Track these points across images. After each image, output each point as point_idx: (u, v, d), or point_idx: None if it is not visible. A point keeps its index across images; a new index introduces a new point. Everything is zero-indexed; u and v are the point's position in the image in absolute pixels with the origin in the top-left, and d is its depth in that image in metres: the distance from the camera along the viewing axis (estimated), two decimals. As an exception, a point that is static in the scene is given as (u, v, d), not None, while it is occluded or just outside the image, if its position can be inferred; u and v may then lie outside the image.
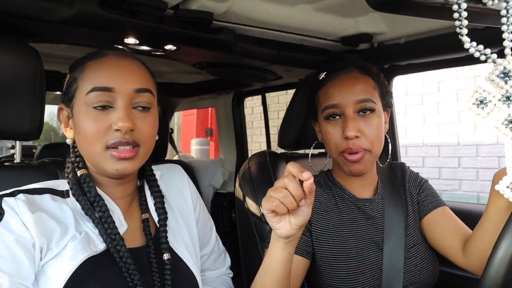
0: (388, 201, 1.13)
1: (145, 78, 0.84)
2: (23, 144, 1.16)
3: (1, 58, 0.89)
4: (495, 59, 0.54)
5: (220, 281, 1.07)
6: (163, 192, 0.92)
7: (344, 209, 1.12)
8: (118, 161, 0.79)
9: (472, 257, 0.99)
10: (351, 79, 1.08)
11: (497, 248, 0.69)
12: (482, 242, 0.95)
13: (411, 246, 1.08)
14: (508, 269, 0.67)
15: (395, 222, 1.09)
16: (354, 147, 1.03)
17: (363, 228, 1.09)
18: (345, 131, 1.03)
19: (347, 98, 1.05)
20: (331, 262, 1.05)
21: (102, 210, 0.79)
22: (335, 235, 1.08)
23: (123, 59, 0.83)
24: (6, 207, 0.73)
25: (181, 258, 0.88)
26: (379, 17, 1.19)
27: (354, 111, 1.05)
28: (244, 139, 2.45)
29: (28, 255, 0.71)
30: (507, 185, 0.56)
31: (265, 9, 1.09)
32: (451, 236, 1.06)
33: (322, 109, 1.08)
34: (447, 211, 1.11)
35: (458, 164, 4.06)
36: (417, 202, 1.15)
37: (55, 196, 0.81)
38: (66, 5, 0.93)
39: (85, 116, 0.79)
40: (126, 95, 0.80)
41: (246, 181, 1.35)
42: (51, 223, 0.75)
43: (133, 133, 0.79)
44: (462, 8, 0.53)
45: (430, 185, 1.19)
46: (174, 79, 2.13)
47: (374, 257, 1.06)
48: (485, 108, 0.55)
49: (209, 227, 1.06)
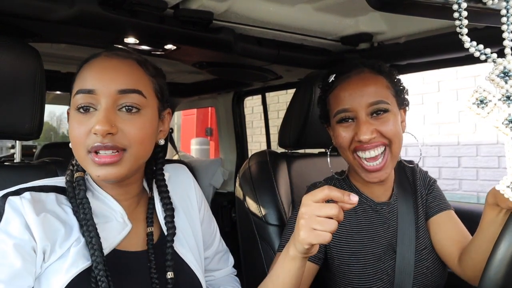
0: (401, 203, 1.10)
1: (134, 78, 0.79)
2: (23, 144, 1.16)
3: (1, 58, 0.89)
4: (495, 59, 0.54)
5: (230, 279, 1.07)
6: (169, 193, 0.90)
7: (362, 213, 1.09)
8: (99, 167, 0.75)
9: (467, 268, 0.99)
10: (361, 81, 1.02)
11: (496, 249, 0.69)
12: (476, 254, 0.95)
13: (422, 248, 1.07)
14: (507, 271, 0.67)
15: (408, 224, 1.08)
16: (370, 145, 0.99)
17: (380, 232, 1.07)
18: (358, 135, 0.98)
19: (358, 102, 1.00)
20: (348, 267, 1.03)
21: (85, 213, 0.76)
22: (352, 240, 1.06)
23: (110, 60, 0.80)
24: (9, 208, 0.72)
25: (186, 263, 0.87)
26: (379, 17, 1.19)
27: (366, 114, 1.00)
28: (244, 138, 2.45)
29: (26, 259, 0.70)
30: (508, 185, 0.56)
31: (265, 9, 1.09)
32: (451, 243, 1.05)
33: (334, 114, 1.04)
34: (452, 215, 1.10)
35: (458, 164, 4.06)
36: (426, 201, 1.13)
37: (60, 196, 0.80)
38: (66, 5, 0.93)
39: (72, 120, 0.78)
40: (108, 97, 0.76)
41: (246, 181, 1.35)
42: (56, 224, 0.75)
43: (114, 137, 0.75)
44: (462, 8, 0.53)
45: (438, 186, 1.17)
46: (174, 79, 2.13)
47: (389, 260, 1.05)
48: (485, 107, 0.55)
49: (213, 227, 1.04)
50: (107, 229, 0.79)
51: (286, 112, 1.44)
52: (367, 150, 0.99)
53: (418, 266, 1.05)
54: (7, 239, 0.70)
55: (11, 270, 0.68)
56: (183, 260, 0.87)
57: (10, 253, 0.69)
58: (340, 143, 1.04)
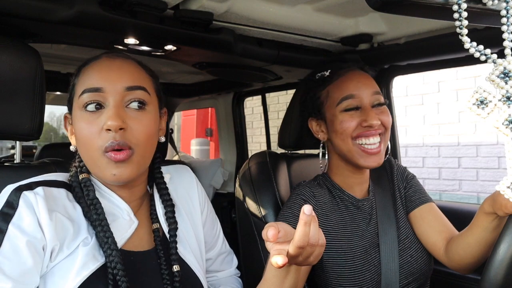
0: (379, 196, 1.16)
1: (138, 77, 0.82)
2: (23, 144, 1.16)
3: (1, 58, 0.89)
4: (495, 59, 0.54)
5: (233, 280, 1.08)
6: (172, 195, 0.91)
7: (345, 210, 1.13)
8: (115, 164, 0.76)
9: (453, 259, 1.03)
10: (362, 74, 1.13)
11: (496, 250, 0.69)
12: (464, 252, 0.99)
13: (404, 238, 1.11)
14: (507, 272, 0.67)
15: (388, 217, 1.12)
16: (374, 131, 1.06)
17: (363, 226, 1.11)
18: (368, 120, 1.05)
19: (364, 89, 1.09)
20: (338, 263, 1.05)
21: (97, 213, 0.77)
22: (339, 236, 1.09)
23: (114, 60, 0.82)
24: (23, 203, 0.72)
25: (189, 266, 0.87)
26: (379, 17, 1.19)
27: (370, 104, 1.08)
28: (244, 139, 2.45)
29: (36, 257, 0.70)
30: (508, 186, 0.56)
31: (265, 9, 1.09)
32: (435, 233, 1.09)
33: (338, 102, 1.10)
34: (433, 207, 1.14)
35: (458, 164, 4.06)
36: (405, 196, 1.18)
37: (69, 193, 0.81)
38: (66, 6, 0.93)
39: (80, 120, 0.79)
40: (117, 94, 0.78)
41: (246, 182, 1.35)
42: (66, 223, 0.75)
43: (124, 134, 0.76)
44: (462, 8, 0.53)
45: (417, 181, 1.22)
46: (174, 80, 2.13)
47: (374, 253, 1.08)
48: (486, 108, 0.55)
49: (216, 229, 1.04)
50: (115, 227, 0.79)
51: (286, 112, 1.44)
52: (370, 137, 1.07)
53: (402, 256, 1.08)
54: (20, 235, 0.70)
55: (23, 268, 0.68)
56: (184, 261, 0.87)
57: (23, 250, 0.69)
58: (345, 129, 1.08)
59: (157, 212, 0.89)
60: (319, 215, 1.10)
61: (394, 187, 1.19)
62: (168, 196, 0.89)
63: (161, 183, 0.91)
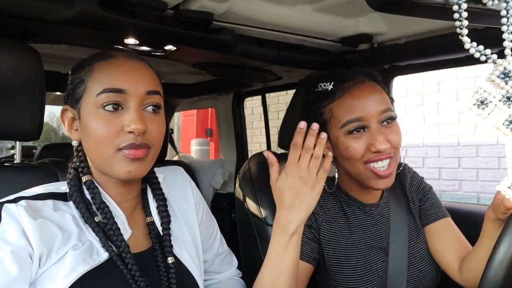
0: (394, 205, 1.11)
1: (155, 80, 0.84)
2: (23, 145, 1.16)
3: (1, 58, 0.89)
4: (495, 60, 0.54)
5: (234, 283, 1.07)
6: (165, 195, 0.91)
7: (351, 215, 1.09)
8: (131, 162, 0.77)
9: (467, 277, 0.99)
10: (368, 88, 1.00)
11: (496, 251, 0.69)
12: (476, 267, 0.95)
13: (415, 251, 1.07)
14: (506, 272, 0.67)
15: (400, 226, 1.08)
16: (384, 156, 0.98)
17: (369, 233, 1.07)
18: (376, 145, 0.96)
19: (370, 110, 0.98)
20: (341, 269, 1.03)
21: (107, 217, 0.78)
22: (344, 242, 1.06)
23: (133, 61, 0.83)
24: (6, 215, 0.72)
25: (183, 264, 0.87)
26: (379, 18, 1.19)
27: (378, 122, 0.98)
28: (244, 139, 2.45)
29: (23, 266, 0.69)
30: (508, 186, 0.56)
31: (265, 10, 1.09)
32: (451, 252, 1.04)
33: (342, 124, 1.00)
34: (450, 223, 1.10)
35: (458, 165, 4.06)
36: (420, 209, 1.13)
37: (58, 202, 0.80)
38: (66, 6, 0.93)
39: (95, 118, 0.78)
40: (138, 97, 0.79)
41: (246, 182, 1.35)
42: (53, 230, 0.74)
43: (145, 136, 0.78)
44: (462, 9, 0.53)
45: (434, 193, 1.16)
46: (174, 80, 2.13)
47: (381, 261, 1.05)
48: (486, 108, 0.55)
49: (212, 229, 1.04)
50: None
51: (286, 112, 1.44)
52: (379, 161, 0.98)
53: (411, 269, 1.05)
54: (4, 246, 0.69)
55: (8, 277, 0.67)
56: (180, 261, 0.87)
57: (7, 260, 0.68)
58: (352, 155, 0.99)
59: (149, 206, 0.89)
60: (322, 221, 1.07)
61: (407, 197, 1.13)
62: (160, 191, 0.90)
63: (153, 178, 0.92)
